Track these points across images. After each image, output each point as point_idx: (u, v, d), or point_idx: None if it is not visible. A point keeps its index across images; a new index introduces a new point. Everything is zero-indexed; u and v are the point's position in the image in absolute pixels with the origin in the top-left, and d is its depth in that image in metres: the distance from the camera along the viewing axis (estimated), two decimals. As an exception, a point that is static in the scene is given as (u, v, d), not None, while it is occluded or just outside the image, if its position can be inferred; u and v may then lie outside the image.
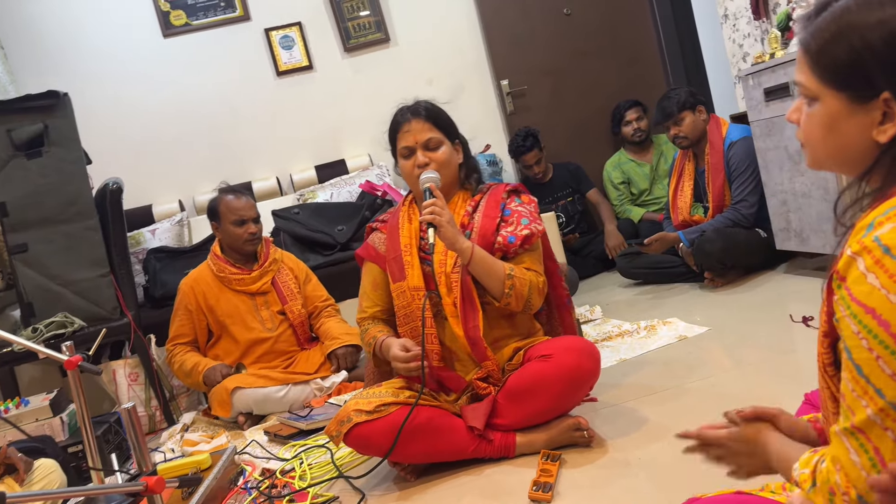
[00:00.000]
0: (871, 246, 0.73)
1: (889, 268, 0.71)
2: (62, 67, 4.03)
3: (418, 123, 1.92)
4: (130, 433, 1.64)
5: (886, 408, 0.72)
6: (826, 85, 0.81)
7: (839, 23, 0.79)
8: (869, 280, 0.73)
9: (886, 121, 0.78)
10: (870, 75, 0.77)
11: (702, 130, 3.36)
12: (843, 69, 0.79)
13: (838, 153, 0.84)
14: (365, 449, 1.85)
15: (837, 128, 0.82)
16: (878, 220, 0.74)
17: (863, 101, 0.79)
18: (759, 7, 3.50)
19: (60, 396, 2.61)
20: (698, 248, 3.16)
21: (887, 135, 0.78)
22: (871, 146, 0.80)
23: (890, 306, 0.71)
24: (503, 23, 4.42)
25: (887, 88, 0.76)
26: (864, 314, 0.73)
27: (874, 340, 0.72)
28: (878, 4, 0.76)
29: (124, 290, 2.98)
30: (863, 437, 0.74)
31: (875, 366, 0.73)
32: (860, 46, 0.77)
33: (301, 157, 4.32)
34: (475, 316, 1.84)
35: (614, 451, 1.75)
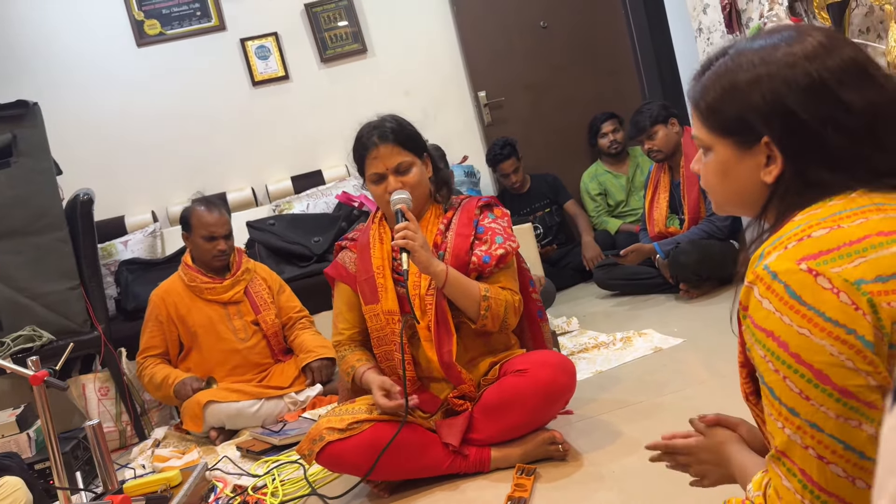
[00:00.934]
0: (762, 274, 0.79)
1: (778, 292, 0.77)
2: (34, 76, 3.97)
3: (386, 148, 1.86)
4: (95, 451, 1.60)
5: (803, 425, 0.76)
6: (716, 136, 0.90)
7: (721, 82, 0.88)
8: (764, 306, 0.79)
9: (770, 163, 0.86)
10: (751, 124, 0.86)
11: (675, 143, 3.39)
12: (729, 122, 0.88)
13: (735, 196, 0.93)
14: (338, 468, 1.82)
15: (731, 173, 0.91)
16: (766, 250, 0.81)
17: (748, 146, 0.87)
18: (732, 21, 3.54)
19: (28, 412, 2.55)
20: (674, 260, 3.18)
21: (772, 175, 0.86)
22: (762, 187, 0.88)
23: (785, 327, 0.77)
24: (480, 35, 4.44)
25: (766, 134, 0.85)
26: (766, 338, 0.78)
27: (778, 361, 0.77)
28: (751, 65, 0.86)
29: (95, 303, 2.93)
30: (787, 460, 0.78)
31: (784, 386, 0.77)
32: (740, 102, 0.86)
33: (277, 167, 4.29)
34: (449, 341, 1.81)
35: (589, 465, 1.75)
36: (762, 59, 0.85)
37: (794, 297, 0.76)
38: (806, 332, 0.75)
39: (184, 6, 4.16)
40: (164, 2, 4.14)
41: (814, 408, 0.75)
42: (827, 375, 0.74)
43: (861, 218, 0.78)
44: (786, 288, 0.77)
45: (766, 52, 0.85)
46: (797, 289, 0.76)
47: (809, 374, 0.75)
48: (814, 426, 0.75)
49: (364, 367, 1.89)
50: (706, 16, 3.85)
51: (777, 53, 0.84)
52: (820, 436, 0.75)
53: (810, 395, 0.75)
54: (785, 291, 0.77)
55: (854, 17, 2.50)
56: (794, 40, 0.85)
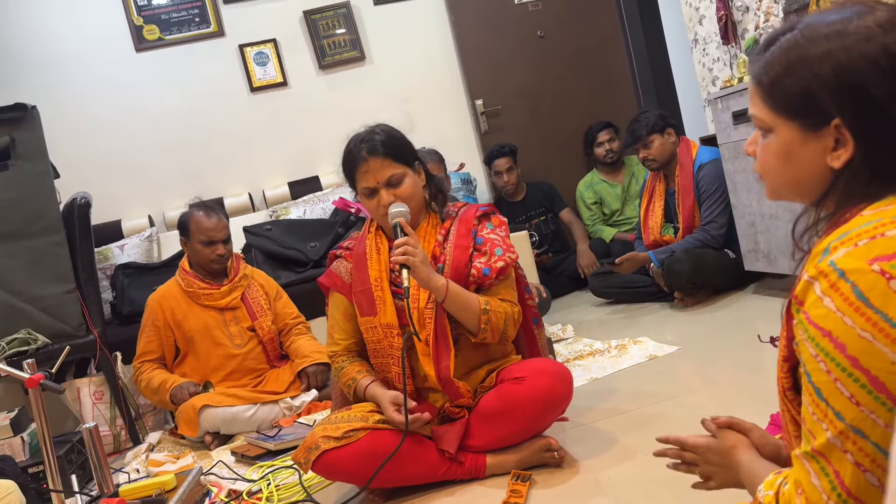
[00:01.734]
0: (826, 270, 0.75)
1: (843, 291, 0.73)
2: (32, 80, 3.98)
3: (376, 162, 1.83)
4: (92, 454, 1.60)
5: (846, 430, 0.73)
6: (779, 116, 0.84)
7: (788, 56, 0.82)
8: (825, 303, 0.75)
9: (839, 147, 0.81)
10: (820, 104, 0.80)
11: (671, 153, 3.41)
12: (795, 100, 0.82)
13: (795, 181, 0.87)
14: (334, 476, 1.82)
15: (793, 156, 0.85)
16: (832, 244, 0.76)
17: (815, 128, 0.81)
18: (728, 32, 3.57)
19: (22, 415, 2.54)
20: (668, 269, 3.19)
21: (840, 160, 0.81)
22: (826, 172, 0.83)
23: (845, 329, 0.73)
24: (478, 43, 4.46)
25: (837, 115, 0.79)
26: (822, 337, 0.75)
27: (832, 363, 0.74)
28: (824, 38, 0.79)
29: (90, 307, 2.93)
30: (823, 460, 0.75)
31: (833, 388, 0.74)
32: (809, 77, 0.80)
33: (274, 173, 4.30)
34: (447, 356, 1.80)
35: (585, 472, 1.75)
36: (837, 32, 0.79)
37: (861, 299, 0.72)
38: (868, 336, 0.72)
39: (183, 12, 4.18)
40: (163, 7, 4.15)
41: (863, 414, 0.72)
42: (883, 383, 0.71)
43: None
44: (853, 288, 0.73)
45: (839, 25, 0.79)
46: (865, 290, 0.72)
47: (864, 379, 0.72)
48: (858, 432, 0.73)
49: (367, 380, 1.88)
50: (702, 27, 3.88)
51: (850, 26, 0.78)
52: (863, 443, 0.73)
53: (861, 400, 0.72)
54: (852, 291, 0.73)
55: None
56: (864, 13, 0.79)
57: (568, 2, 4.60)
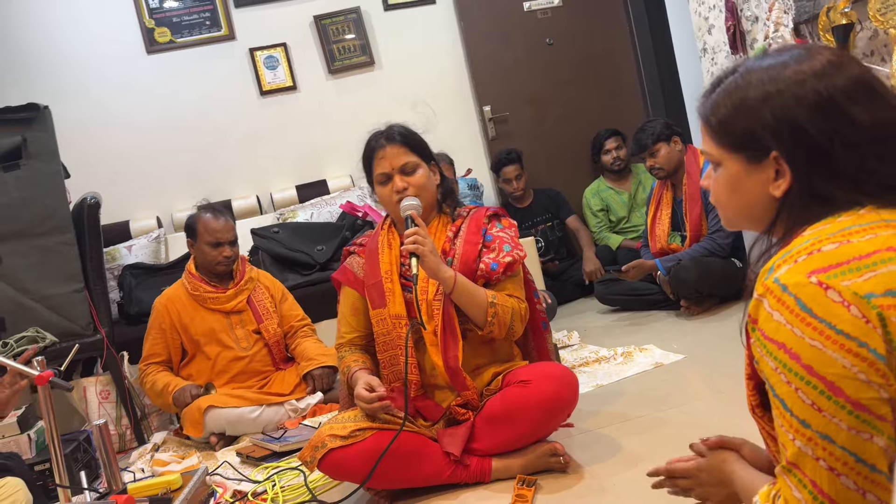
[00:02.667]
0: (772, 287, 0.80)
1: (789, 304, 0.78)
2: (44, 80, 4.00)
3: (393, 148, 1.90)
4: (101, 451, 1.61)
5: (814, 437, 0.77)
6: (726, 150, 0.92)
7: (731, 98, 0.91)
8: (775, 318, 0.79)
9: (779, 177, 0.88)
10: (760, 139, 0.88)
11: (677, 161, 3.41)
12: (738, 136, 0.90)
13: (744, 210, 0.94)
14: (339, 475, 1.82)
15: (739, 187, 0.92)
16: (776, 263, 0.83)
17: (757, 160, 0.89)
18: (736, 42, 3.58)
19: (29, 413, 2.55)
20: (675, 277, 3.19)
21: (780, 189, 0.88)
22: (770, 201, 0.90)
23: (796, 339, 0.77)
24: (487, 50, 4.48)
25: (775, 148, 0.87)
26: (777, 350, 0.79)
27: (790, 374, 0.78)
28: (760, 82, 0.88)
29: (98, 307, 2.94)
30: (798, 471, 0.78)
31: (795, 398, 0.78)
32: (750, 117, 0.89)
33: (282, 176, 4.32)
34: (455, 346, 1.82)
35: (590, 478, 1.75)
36: (771, 77, 0.87)
37: (805, 310, 0.77)
38: (818, 344, 0.76)
39: (194, 15, 4.21)
40: (174, 10, 4.18)
41: (826, 419, 0.76)
42: (840, 388, 0.75)
43: (870, 233, 0.79)
44: (796, 300, 0.78)
45: (775, 71, 0.87)
46: (808, 301, 0.77)
47: (822, 385, 0.76)
48: (825, 438, 0.76)
49: (357, 367, 1.91)
50: (711, 36, 3.89)
51: (786, 71, 0.86)
52: (831, 447, 0.76)
53: (823, 406, 0.76)
54: (796, 304, 0.78)
55: (859, 40, 2.53)
56: (803, 59, 0.87)
57: (577, 10, 4.62)
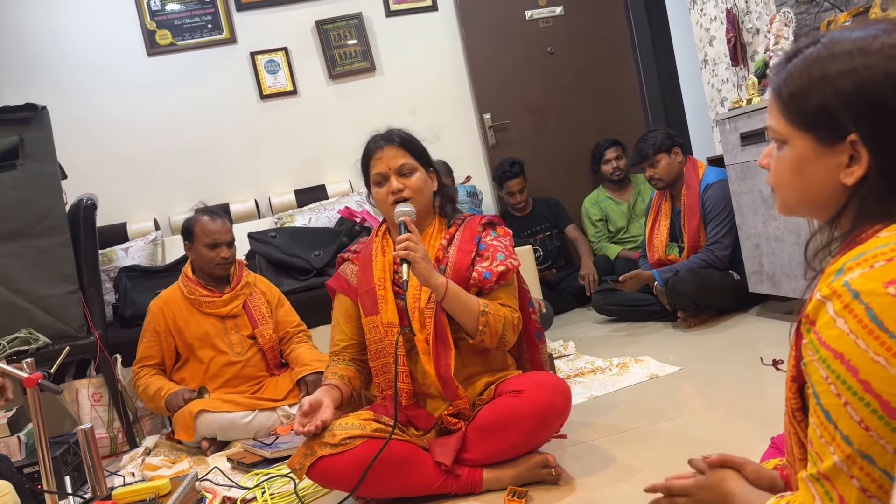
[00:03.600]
0: (840, 291, 0.74)
1: (858, 313, 0.72)
2: (43, 81, 4.00)
3: (391, 150, 1.91)
4: (86, 455, 1.59)
5: (853, 455, 0.72)
6: (795, 128, 0.84)
7: (810, 70, 0.81)
8: (838, 325, 0.73)
9: (853, 163, 0.80)
10: (838, 119, 0.79)
11: (677, 172, 3.40)
12: (813, 113, 0.81)
13: (807, 196, 0.85)
14: (329, 483, 1.81)
15: (806, 170, 0.84)
16: (847, 265, 0.75)
17: (831, 143, 0.81)
18: (737, 54, 3.58)
19: (19, 415, 2.53)
20: (672, 288, 3.18)
21: (854, 177, 0.80)
22: (839, 189, 0.82)
23: (859, 352, 0.71)
24: (488, 58, 4.48)
25: (854, 131, 0.78)
26: (833, 359, 0.73)
27: (842, 386, 0.73)
28: (847, 54, 0.79)
29: (92, 308, 2.93)
30: (828, 484, 0.74)
31: (843, 412, 0.73)
32: (830, 93, 0.79)
33: (281, 180, 4.31)
34: (447, 354, 1.81)
35: (581, 490, 1.73)
36: (860, 49, 0.78)
37: (875, 322, 0.71)
38: (882, 360, 0.70)
39: (196, 18, 4.21)
40: (176, 13, 4.18)
41: (872, 439, 0.71)
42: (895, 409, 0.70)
43: None
44: (867, 310, 0.72)
45: (864, 42, 0.78)
46: (880, 313, 0.71)
47: (876, 404, 0.71)
48: (866, 457, 0.71)
49: (326, 382, 1.90)
50: (712, 48, 3.89)
51: (875, 43, 0.77)
52: (870, 468, 0.71)
53: (871, 425, 0.71)
54: (866, 314, 0.72)
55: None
56: (892, 31, 0.78)
57: (579, 19, 4.62)
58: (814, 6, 2.92)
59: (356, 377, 1.96)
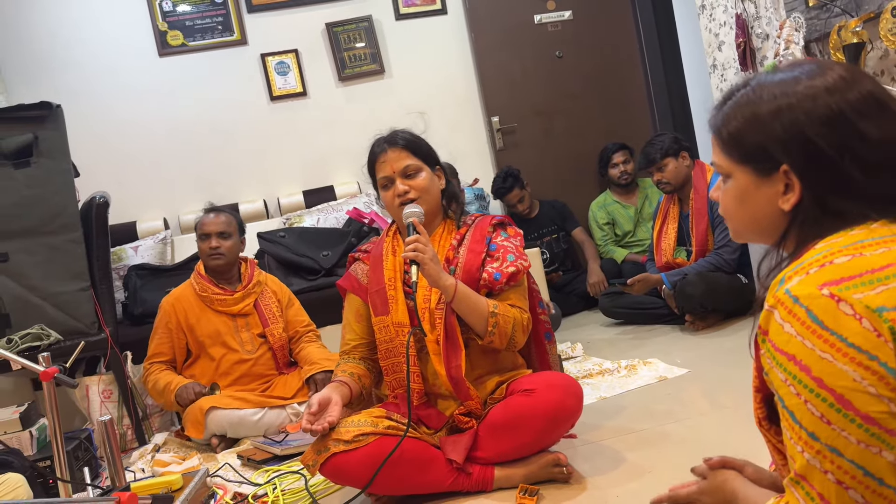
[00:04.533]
0: (783, 298, 0.80)
1: (800, 316, 0.78)
2: (56, 80, 4.03)
3: (395, 152, 1.91)
4: (105, 447, 1.61)
5: (822, 449, 0.76)
6: (735, 163, 0.92)
7: (742, 111, 0.91)
8: (786, 329, 0.79)
9: (788, 191, 0.88)
10: (770, 152, 0.87)
11: (685, 176, 3.41)
12: (749, 148, 0.90)
13: (752, 223, 0.94)
14: (341, 479, 1.82)
15: (748, 200, 0.92)
16: (787, 275, 0.82)
17: (766, 174, 0.89)
18: (746, 59, 3.59)
19: (31, 410, 2.56)
20: (680, 291, 3.19)
21: (790, 203, 0.88)
22: (779, 215, 0.89)
23: (807, 351, 0.77)
24: (496, 61, 4.50)
25: (785, 162, 0.86)
26: (787, 361, 0.79)
27: (799, 385, 0.78)
28: (773, 96, 0.88)
29: (104, 306, 2.95)
30: (806, 484, 0.78)
31: (804, 410, 0.78)
32: (761, 131, 0.88)
33: (290, 181, 4.33)
34: (458, 355, 1.81)
35: (593, 489, 1.74)
36: (783, 92, 0.87)
37: (816, 322, 0.77)
38: (828, 356, 0.76)
39: (207, 19, 4.24)
40: (187, 14, 4.21)
41: (835, 432, 0.75)
42: (849, 400, 0.75)
43: (883, 247, 0.79)
44: (808, 312, 0.78)
45: (787, 85, 0.88)
46: (819, 313, 0.77)
47: (832, 398, 0.75)
48: (834, 451, 0.76)
49: (336, 379, 1.90)
50: (721, 53, 3.90)
51: (798, 86, 0.87)
52: (840, 461, 0.75)
53: (832, 419, 0.75)
54: (807, 316, 0.78)
55: (869, 59, 2.54)
56: (815, 74, 0.87)
57: (587, 23, 4.64)
58: (824, 11, 2.94)
59: (366, 375, 1.97)
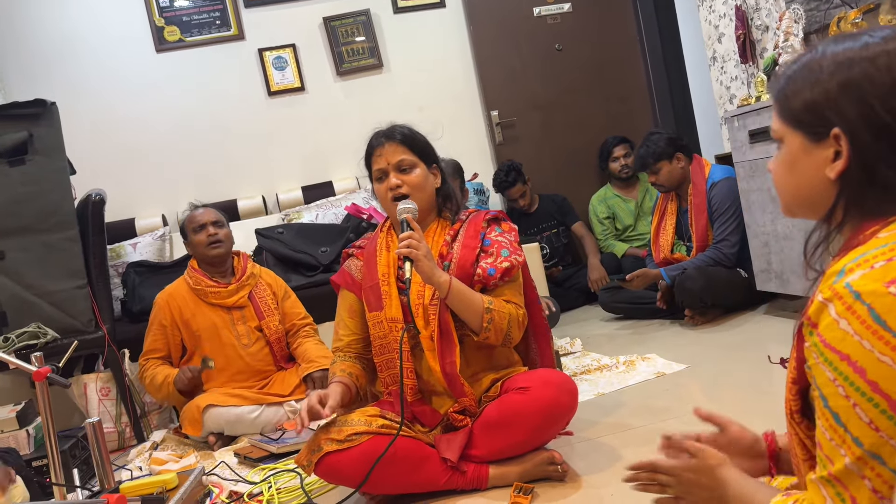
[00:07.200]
0: (842, 292, 0.75)
1: (860, 314, 0.73)
2: (53, 76, 4.02)
3: (391, 146, 1.91)
4: (94, 448, 1.60)
5: (864, 456, 0.72)
6: (788, 125, 0.88)
7: (802, 73, 0.87)
8: (841, 326, 0.74)
9: (837, 158, 0.83)
10: (823, 113, 0.83)
11: (679, 178, 3.38)
12: (802, 110, 0.86)
13: (800, 193, 0.89)
14: (335, 479, 1.81)
15: (797, 166, 0.88)
16: (848, 266, 0.76)
17: (817, 139, 0.84)
18: (746, 51, 3.56)
19: (28, 409, 2.55)
20: (679, 286, 3.17)
21: (836, 170, 0.83)
22: (827, 185, 0.85)
23: (864, 352, 0.72)
24: (496, 55, 4.47)
25: (837, 125, 0.82)
26: (839, 361, 0.74)
27: (850, 387, 0.73)
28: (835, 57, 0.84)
29: (101, 303, 2.94)
30: (840, 486, 0.74)
31: (852, 413, 0.73)
32: (818, 91, 0.84)
33: (288, 177, 4.32)
34: (452, 351, 1.81)
35: (588, 487, 1.73)
36: (846, 54, 0.83)
37: (879, 322, 0.72)
38: (888, 360, 0.71)
39: (204, 14, 4.22)
40: (184, 9, 4.19)
41: (882, 440, 0.71)
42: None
43: None
44: (870, 311, 0.72)
45: (850, 47, 0.84)
46: (883, 313, 0.72)
47: (885, 404, 0.71)
48: (877, 458, 0.72)
49: (335, 379, 1.90)
50: (721, 45, 3.87)
51: (861, 49, 0.82)
52: (881, 469, 0.72)
53: (881, 426, 0.71)
54: (868, 314, 0.72)
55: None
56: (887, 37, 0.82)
57: (587, 16, 4.61)
58: (824, 2, 2.91)
59: (362, 375, 1.96)
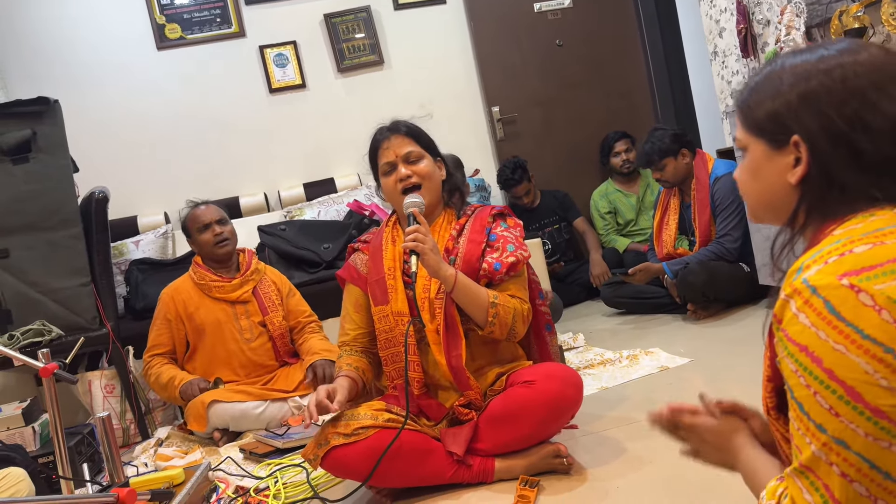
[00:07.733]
0: (800, 287, 0.79)
1: (817, 307, 0.77)
2: (55, 75, 4.02)
3: (398, 139, 1.93)
4: (104, 443, 1.61)
5: (829, 442, 0.75)
6: (751, 134, 0.92)
7: (764, 84, 0.91)
8: (800, 320, 0.78)
9: (798, 164, 0.87)
10: (783, 121, 0.87)
11: (685, 173, 3.38)
12: (764, 118, 0.89)
13: (763, 198, 0.93)
14: (342, 473, 1.82)
15: (760, 173, 0.92)
16: (805, 263, 0.81)
17: (778, 146, 0.88)
18: (747, 46, 3.56)
19: (33, 406, 2.56)
20: (682, 280, 3.18)
21: (797, 176, 0.87)
22: (789, 190, 0.89)
23: (821, 343, 0.76)
24: (496, 51, 4.47)
25: (796, 132, 0.86)
26: (799, 352, 0.78)
27: (810, 377, 0.77)
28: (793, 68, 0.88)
29: (105, 301, 2.95)
30: (811, 475, 0.77)
31: (813, 401, 0.77)
32: (779, 101, 0.88)
33: (290, 173, 4.32)
34: (458, 345, 1.82)
35: (594, 480, 1.74)
36: (805, 66, 0.87)
37: (833, 313, 0.75)
38: (842, 348, 0.74)
39: (205, 12, 4.22)
40: (185, 7, 4.19)
41: (843, 425, 0.74)
42: (859, 393, 0.73)
43: None
44: (825, 303, 0.76)
45: (809, 59, 0.87)
46: (837, 304, 0.75)
47: (841, 390, 0.74)
48: (841, 443, 0.74)
49: (342, 373, 1.90)
50: (722, 40, 3.87)
51: (819, 60, 0.86)
52: (846, 453, 0.74)
53: (840, 411, 0.74)
54: (824, 307, 0.76)
55: (870, 45, 2.51)
56: (841, 50, 0.86)
57: (587, 11, 4.61)
58: (825, -3, 2.91)
59: (368, 369, 1.96)
